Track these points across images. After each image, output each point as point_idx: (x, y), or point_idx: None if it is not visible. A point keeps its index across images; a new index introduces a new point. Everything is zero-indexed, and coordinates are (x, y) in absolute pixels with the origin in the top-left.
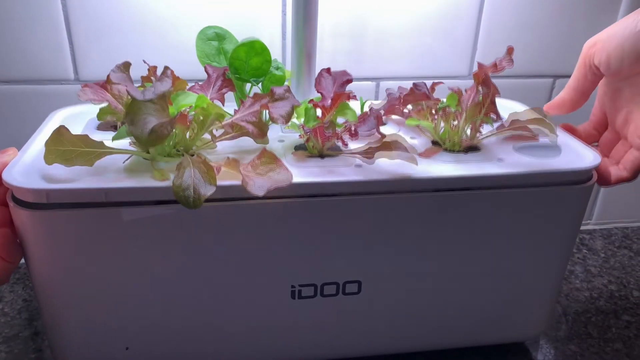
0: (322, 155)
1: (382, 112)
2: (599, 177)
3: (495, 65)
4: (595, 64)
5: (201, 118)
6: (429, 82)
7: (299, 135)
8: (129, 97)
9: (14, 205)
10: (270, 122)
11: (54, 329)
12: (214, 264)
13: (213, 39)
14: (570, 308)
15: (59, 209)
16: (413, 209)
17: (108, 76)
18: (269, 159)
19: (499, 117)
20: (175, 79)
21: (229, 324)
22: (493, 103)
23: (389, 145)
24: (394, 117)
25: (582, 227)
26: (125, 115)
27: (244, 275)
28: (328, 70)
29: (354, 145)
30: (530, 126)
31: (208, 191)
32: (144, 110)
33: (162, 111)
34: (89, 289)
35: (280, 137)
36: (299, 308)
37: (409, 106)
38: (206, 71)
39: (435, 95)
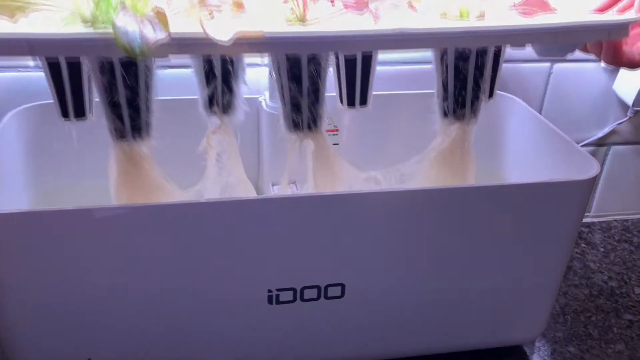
0: (304, 22)
1: None
2: (608, 52)
3: None
4: None
5: None
6: None
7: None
8: None
9: None
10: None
11: (9, 337)
12: (182, 267)
13: None
14: (569, 307)
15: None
16: (402, 202)
17: None
18: (237, 5)
19: None
20: None
21: (200, 334)
22: None
23: None
24: None
25: None
26: None
27: (216, 279)
28: None
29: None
30: None
31: (159, 36)
32: None
33: None
34: (46, 298)
35: None
36: (277, 314)
37: None
38: None
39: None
